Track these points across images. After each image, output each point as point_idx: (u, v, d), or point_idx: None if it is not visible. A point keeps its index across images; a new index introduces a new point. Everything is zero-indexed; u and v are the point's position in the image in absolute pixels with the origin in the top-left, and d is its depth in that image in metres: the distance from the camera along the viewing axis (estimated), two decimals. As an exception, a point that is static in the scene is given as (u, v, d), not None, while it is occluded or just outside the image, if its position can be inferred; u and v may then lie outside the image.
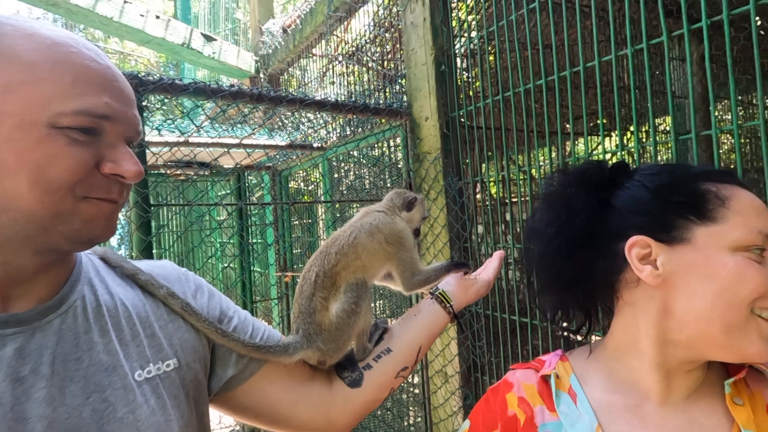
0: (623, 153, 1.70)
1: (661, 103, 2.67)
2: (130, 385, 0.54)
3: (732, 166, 2.58)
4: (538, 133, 1.66)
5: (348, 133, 2.49)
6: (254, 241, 3.09)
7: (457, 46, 2.05)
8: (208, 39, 3.23)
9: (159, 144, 1.94)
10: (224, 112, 1.73)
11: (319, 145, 2.58)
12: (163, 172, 2.66)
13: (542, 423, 0.58)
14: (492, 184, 2.12)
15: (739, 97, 3.03)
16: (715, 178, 0.54)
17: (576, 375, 0.61)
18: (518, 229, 2.36)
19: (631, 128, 2.01)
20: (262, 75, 3.46)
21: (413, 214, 0.93)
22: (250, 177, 3.26)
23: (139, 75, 1.35)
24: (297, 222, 3.18)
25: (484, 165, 2.04)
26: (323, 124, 2.46)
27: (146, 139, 1.53)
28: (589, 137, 1.66)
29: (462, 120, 1.96)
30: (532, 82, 1.61)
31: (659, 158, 1.92)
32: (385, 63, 2.55)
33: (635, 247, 0.54)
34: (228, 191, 3.09)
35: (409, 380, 2.62)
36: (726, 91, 1.86)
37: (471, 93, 2.13)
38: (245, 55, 3.45)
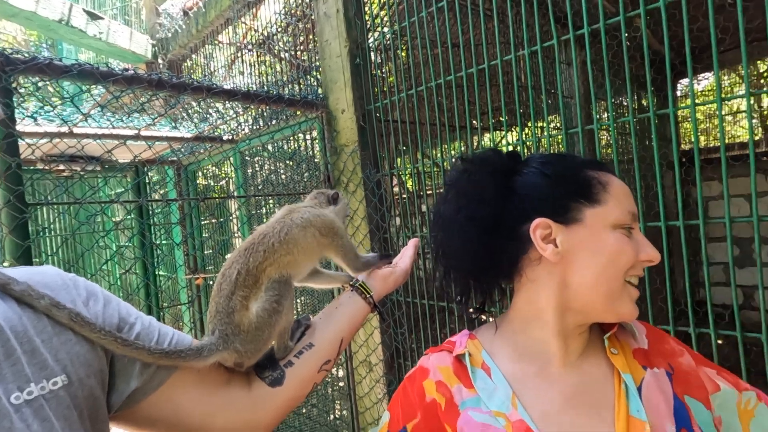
0: (523, 146, 1.87)
1: (554, 101, 2.97)
2: (5, 410, 0.46)
3: (609, 158, 2.97)
4: (448, 127, 1.74)
5: (261, 125, 2.39)
6: (159, 242, 2.83)
7: (371, 39, 2.07)
8: (93, 17, 2.85)
9: (35, 135, 1.68)
10: (117, 99, 1.55)
11: (230, 137, 2.44)
12: (42, 167, 2.31)
13: (462, 401, 0.61)
14: (408, 176, 2.19)
15: (622, 100, 3.49)
16: (595, 167, 0.62)
17: (486, 350, 0.65)
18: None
19: (530, 124, 2.21)
20: (160, 60, 3.15)
21: (339, 209, 0.93)
22: (151, 173, 2.97)
23: (5, 52, 1.15)
24: (208, 220, 2.98)
25: (399, 158, 2.10)
26: (234, 115, 2.33)
27: (18, 128, 1.31)
28: (494, 131, 1.78)
29: (378, 114, 1.99)
30: (443, 78, 1.69)
31: (551, 150, 2.14)
32: (299, 53, 2.49)
33: (539, 228, 0.59)
34: (125, 188, 2.78)
35: (335, 374, 2.62)
36: (605, 92, 2.12)
37: (386, 88, 2.17)
38: (139, 37, 3.11)
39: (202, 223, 2.94)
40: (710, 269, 4.51)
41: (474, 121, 1.92)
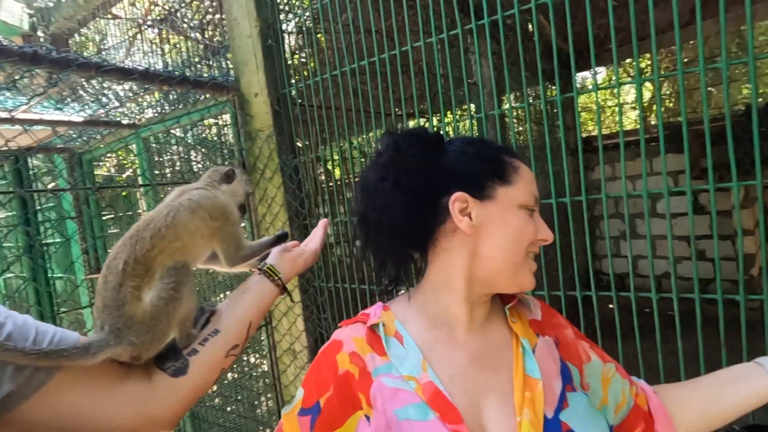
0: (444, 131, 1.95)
1: (472, 90, 3.12)
2: None
3: (520, 144, 3.22)
4: (368, 114, 1.76)
5: (167, 109, 2.21)
6: (47, 238, 2.51)
7: (284, 21, 2.00)
8: (-51, -22, 2.41)
9: None
10: (-20, 75, 1.33)
11: (132, 122, 2.22)
12: None
13: (374, 368, 0.63)
14: (328, 162, 2.18)
15: (529, 90, 3.75)
16: (508, 153, 0.69)
17: (399, 320, 0.69)
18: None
19: (449, 113, 2.31)
20: (41, 33, 2.76)
21: (235, 187, 0.89)
22: (38, 162, 2.61)
23: None
24: (111, 214, 2.70)
25: (321, 144, 2.08)
26: (132, 96, 2.12)
27: None
28: (416, 119, 1.83)
29: (294, 97, 1.94)
30: (356, 63, 1.69)
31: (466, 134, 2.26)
32: (206, 32, 2.33)
33: (457, 201, 0.64)
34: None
35: (261, 368, 2.57)
36: (511, 81, 2.27)
37: (305, 72, 2.12)
38: (12, 5, 2.69)
39: (104, 217, 2.66)
40: (602, 243, 5.11)
41: (391, 108, 1.96)
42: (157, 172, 2.49)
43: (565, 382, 0.65)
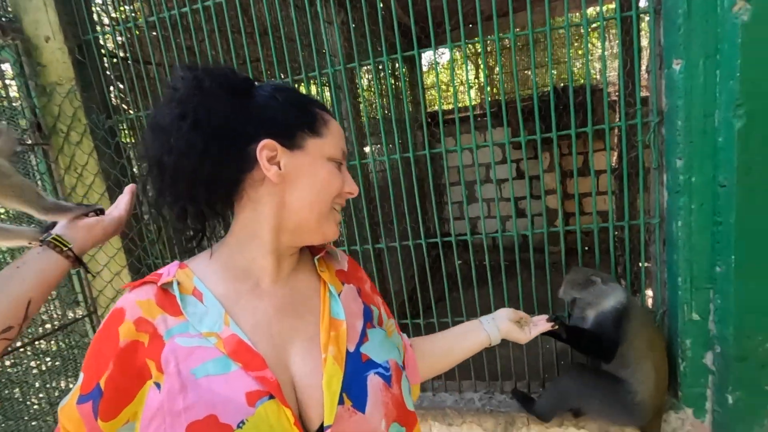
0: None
1: (321, 59, 3.07)
2: None
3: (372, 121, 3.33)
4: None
5: None
6: None
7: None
8: None
9: None
10: None
11: None
12: None
13: (167, 330, 0.58)
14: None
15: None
16: (319, 106, 0.68)
17: (198, 277, 0.63)
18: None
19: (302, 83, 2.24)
20: None
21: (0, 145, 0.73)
22: None
23: None
24: None
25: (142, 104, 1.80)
26: None
27: None
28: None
29: (106, 47, 1.63)
30: (176, 8, 1.49)
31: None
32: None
33: (266, 149, 0.61)
34: None
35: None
36: (362, 54, 2.30)
37: (117, 14, 1.79)
38: None
39: None
40: (448, 207, 5.76)
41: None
42: None
43: (366, 320, 0.71)
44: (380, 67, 2.93)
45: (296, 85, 1.73)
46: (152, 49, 1.62)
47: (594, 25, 3.56)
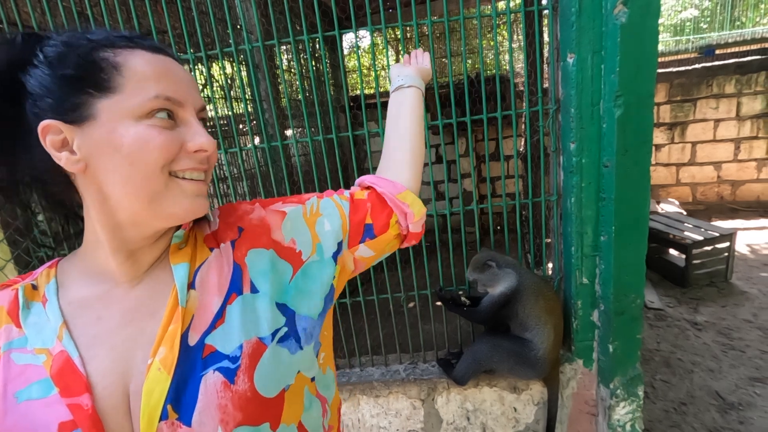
0: (210, 79, 1.77)
1: (237, 35, 2.90)
2: None
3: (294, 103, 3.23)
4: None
5: None
6: None
7: None
8: None
9: None
10: None
11: None
12: None
13: (7, 342, 0.50)
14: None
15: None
16: (115, 44, 0.49)
17: (57, 280, 0.55)
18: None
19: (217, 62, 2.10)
20: None
21: None
22: None
23: None
24: None
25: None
26: None
27: None
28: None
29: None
30: None
31: (233, 87, 2.13)
32: None
33: (48, 133, 0.48)
34: None
35: None
36: (282, 32, 2.22)
37: None
38: None
39: None
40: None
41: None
42: None
43: (231, 291, 0.55)
44: (300, 47, 2.85)
45: (210, 63, 1.63)
46: (32, 10, 1.42)
47: (504, 18, 3.80)
